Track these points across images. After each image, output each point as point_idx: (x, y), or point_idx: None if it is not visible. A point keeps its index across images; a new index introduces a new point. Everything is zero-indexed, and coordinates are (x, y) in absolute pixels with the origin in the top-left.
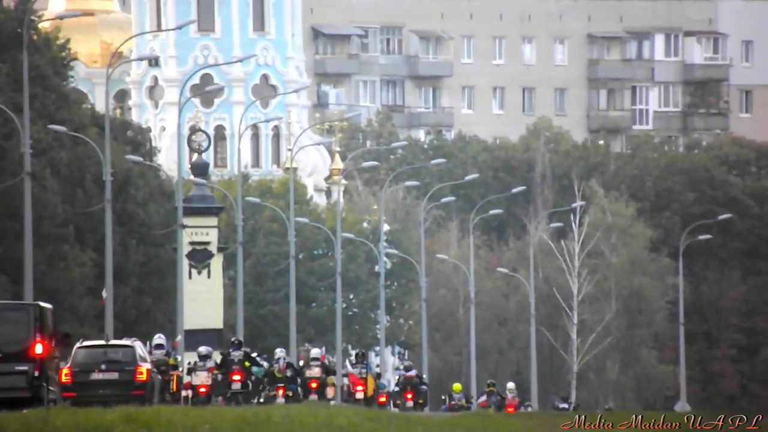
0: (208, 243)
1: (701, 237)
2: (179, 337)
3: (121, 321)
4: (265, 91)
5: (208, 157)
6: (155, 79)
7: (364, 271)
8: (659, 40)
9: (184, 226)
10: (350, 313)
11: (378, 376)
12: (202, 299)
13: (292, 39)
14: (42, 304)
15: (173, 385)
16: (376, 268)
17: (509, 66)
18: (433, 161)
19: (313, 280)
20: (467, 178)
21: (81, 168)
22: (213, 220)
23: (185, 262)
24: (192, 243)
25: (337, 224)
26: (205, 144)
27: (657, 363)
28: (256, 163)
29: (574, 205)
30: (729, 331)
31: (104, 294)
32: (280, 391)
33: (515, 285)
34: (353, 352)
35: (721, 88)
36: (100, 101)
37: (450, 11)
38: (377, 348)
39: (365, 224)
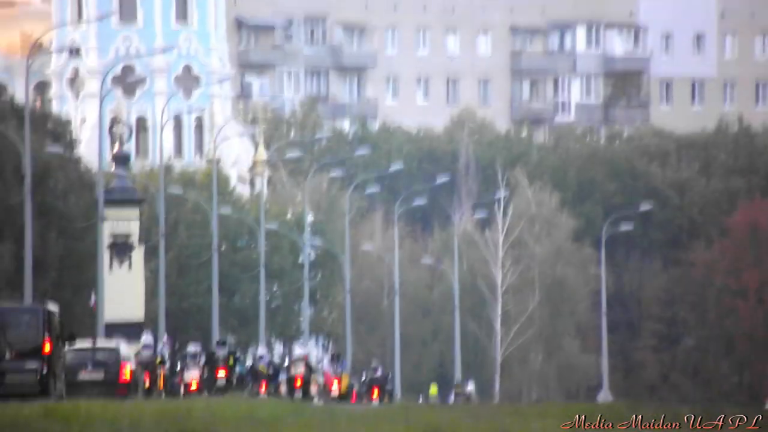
0: (129, 235)
1: (623, 227)
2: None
3: None
4: (187, 81)
5: (130, 148)
6: (76, 70)
7: (288, 262)
8: (581, 32)
9: (104, 219)
10: (273, 305)
11: (352, 374)
12: (124, 292)
13: (215, 29)
14: (50, 307)
15: (161, 382)
16: (300, 259)
17: (433, 57)
18: (358, 151)
19: (236, 272)
20: (392, 168)
21: (0, 160)
22: (135, 212)
23: (106, 255)
24: (113, 235)
25: (261, 215)
26: (126, 135)
27: (579, 352)
28: (179, 153)
29: (497, 195)
30: (650, 321)
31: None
32: (263, 386)
33: (439, 275)
34: (329, 353)
35: (641, 80)
36: (19, 92)
37: (374, 2)
38: (301, 340)
39: (289, 215)
